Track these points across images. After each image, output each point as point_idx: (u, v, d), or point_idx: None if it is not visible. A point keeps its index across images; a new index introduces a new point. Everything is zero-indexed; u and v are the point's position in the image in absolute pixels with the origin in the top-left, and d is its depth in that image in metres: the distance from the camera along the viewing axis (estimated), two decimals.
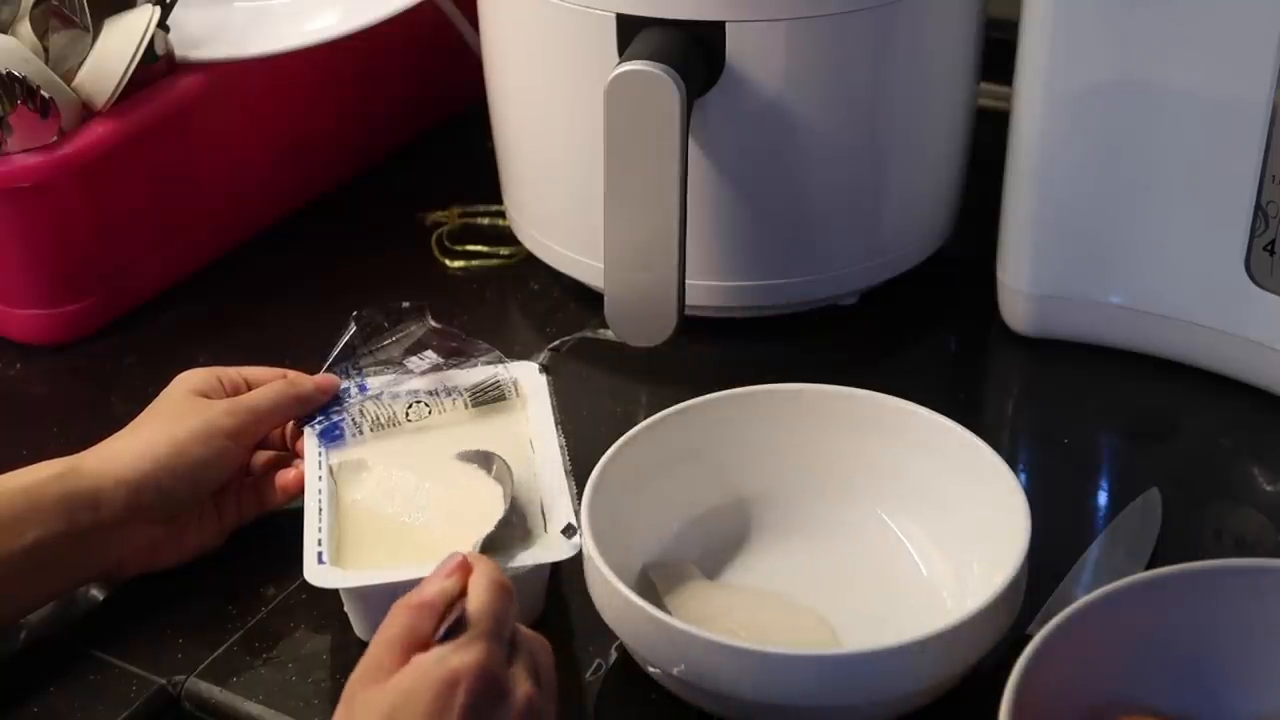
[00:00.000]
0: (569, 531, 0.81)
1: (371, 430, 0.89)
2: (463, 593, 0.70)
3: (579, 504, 0.82)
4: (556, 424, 0.88)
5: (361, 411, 0.90)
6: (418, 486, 0.86)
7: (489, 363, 0.93)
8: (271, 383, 0.89)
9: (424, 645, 0.68)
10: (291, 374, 0.91)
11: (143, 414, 0.87)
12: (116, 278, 1.09)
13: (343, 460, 0.87)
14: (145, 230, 1.10)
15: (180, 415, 0.86)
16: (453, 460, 0.87)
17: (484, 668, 0.67)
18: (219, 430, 0.85)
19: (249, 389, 0.89)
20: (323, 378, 0.91)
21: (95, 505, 0.82)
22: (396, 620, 0.69)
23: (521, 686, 0.69)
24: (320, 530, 0.82)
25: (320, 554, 0.80)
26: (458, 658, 0.67)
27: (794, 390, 0.88)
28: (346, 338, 0.93)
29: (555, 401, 0.90)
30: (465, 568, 0.71)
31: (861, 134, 0.99)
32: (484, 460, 0.86)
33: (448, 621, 0.68)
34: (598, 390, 1.02)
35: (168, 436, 0.84)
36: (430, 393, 0.91)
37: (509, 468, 0.84)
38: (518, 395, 0.92)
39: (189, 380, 0.88)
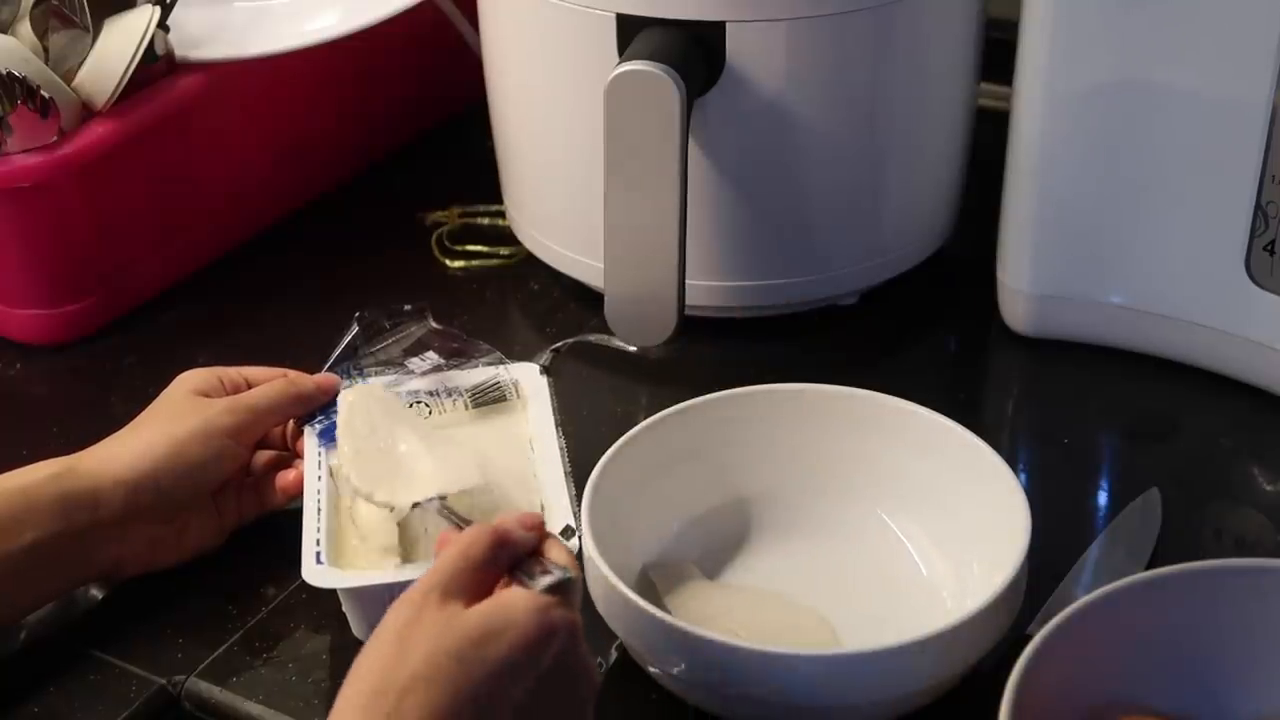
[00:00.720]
0: (568, 533, 0.80)
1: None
2: (539, 551, 0.71)
3: (579, 504, 0.82)
4: (557, 425, 0.88)
5: None
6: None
7: (489, 363, 0.93)
8: (272, 382, 0.89)
9: (495, 580, 0.69)
10: (292, 373, 0.91)
11: (142, 414, 0.87)
12: (116, 278, 1.09)
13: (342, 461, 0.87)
14: (145, 230, 1.10)
15: (180, 415, 0.85)
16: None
17: (580, 634, 0.68)
18: (218, 429, 0.85)
19: (249, 389, 0.89)
20: (323, 377, 0.91)
21: (93, 505, 0.82)
22: (479, 545, 0.69)
23: (592, 664, 0.70)
24: (319, 531, 0.82)
25: (319, 554, 0.80)
26: (560, 612, 0.67)
27: (794, 390, 0.88)
28: (348, 338, 0.93)
29: (556, 403, 0.90)
30: (543, 527, 0.72)
31: (861, 134, 1.00)
32: None
33: (546, 573, 0.69)
34: (598, 390, 1.02)
35: (167, 436, 0.84)
36: (431, 393, 0.91)
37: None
38: (518, 396, 0.92)
39: (189, 380, 0.88)
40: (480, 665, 0.65)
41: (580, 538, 0.80)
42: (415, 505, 0.80)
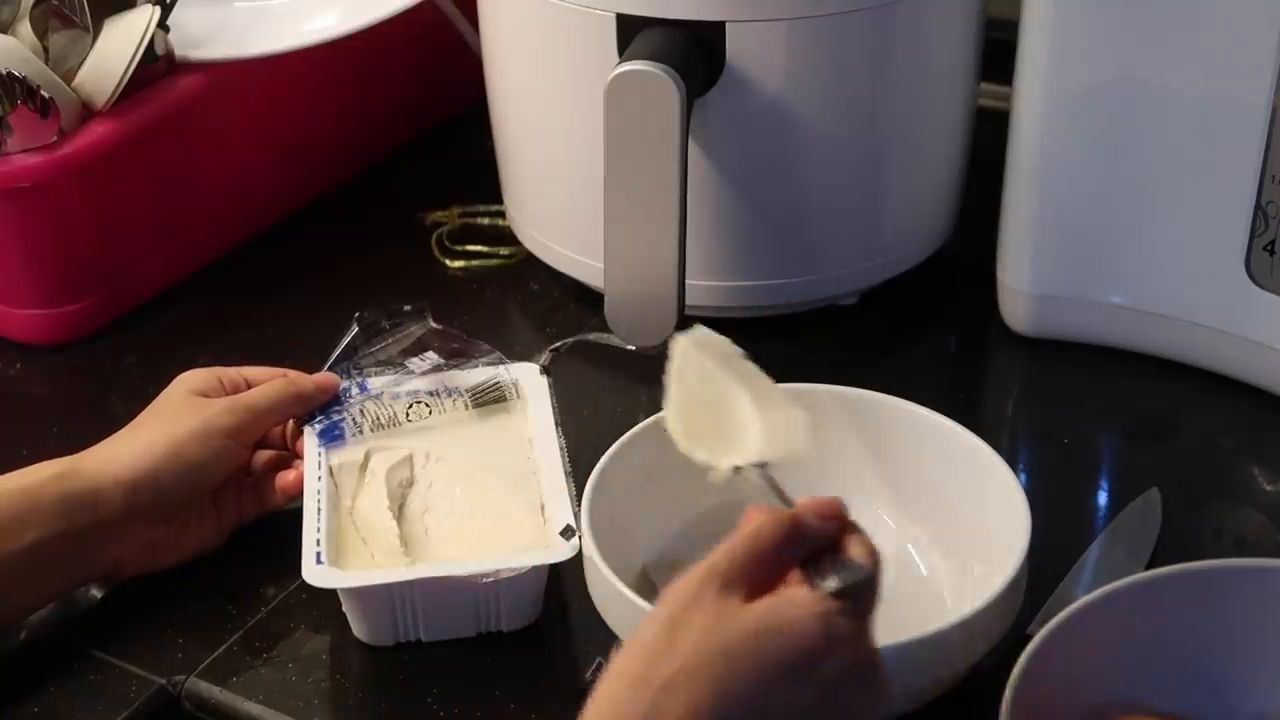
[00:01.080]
0: (568, 533, 0.80)
1: (372, 430, 0.89)
2: (837, 544, 0.65)
3: (579, 505, 0.82)
4: (556, 425, 0.88)
5: (362, 411, 0.90)
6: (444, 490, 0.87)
7: (489, 363, 0.93)
8: (271, 382, 0.89)
9: (785, 572, 0.63)
10: (291, 373, 0.91)
11: (142, 414, 0.87)
12: (116, 278, 1.09)
13: (342, 461, 0.87)
14: (145, 230, 1.10)
15: (179, 415, 0.85)
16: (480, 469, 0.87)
17: (868, 643, 0.62)
18: (218, 429, 0.85)
19: (249, 388, 0.89)
20: (323, 376, 0.91)
21: (94, 506, 0.82)
22: (770, 534, 0.63)
23: (885, 678, 0.64)
24: (319, 531, 0.82)
25: (319, 554, 0.80)
26: (845, 621, 0.62)
27: (794, 390, 0.88)
28: (348, 338, 0.93)
29: (555, 403, 0.90)
30: (844, 517, 0.66)
31: (861, 134, 0.99)
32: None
33: (839, 571, 0.63)
34: (598, 390, 1.01)
35: (166, 436, 0.84)
36: (431, 393, 0.91)
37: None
38: (518, 396, 0.92)
39: (189, 380, 0.88)
40: (751, 667, 0.59)
41: (580, 538, 0.80)
42: (736, 469, 0.73)
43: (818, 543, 0.64)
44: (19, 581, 0.81)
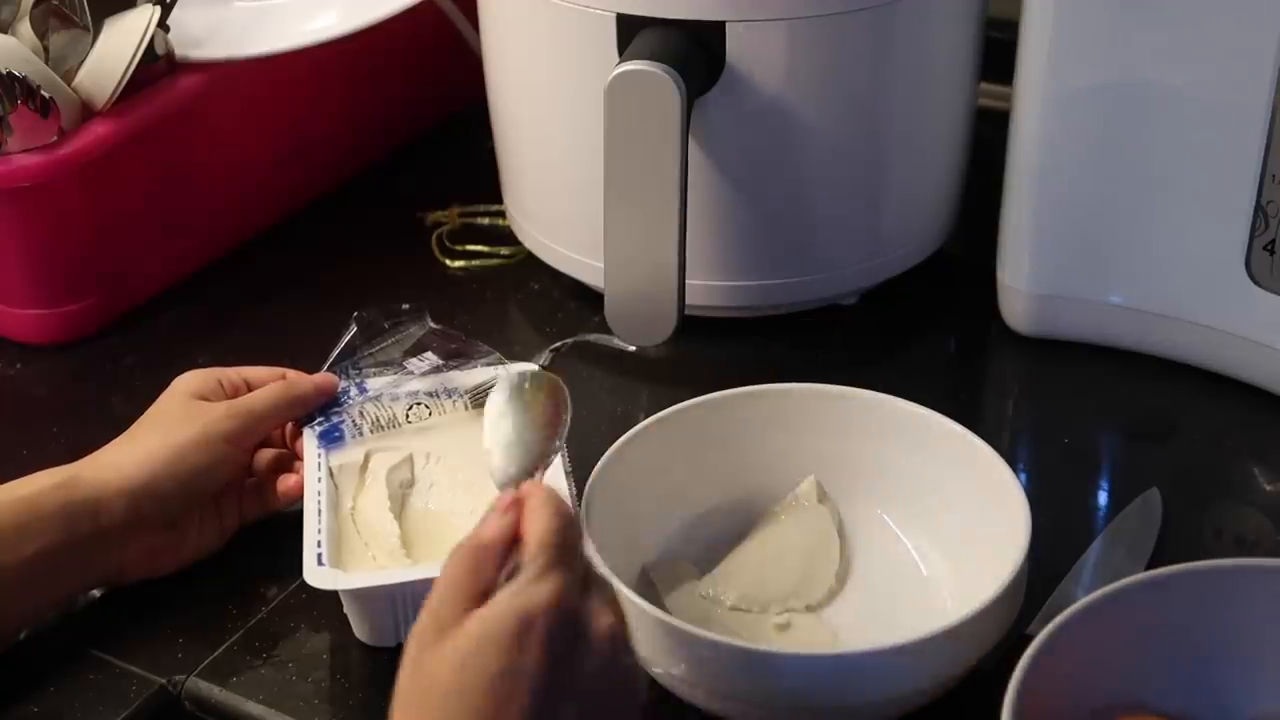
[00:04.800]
0: None
1: (372, 431, 0.89)
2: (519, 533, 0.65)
3: (579, 504, 0.81)
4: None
5: (361, 413, 0.90)
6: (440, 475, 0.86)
7: (489, 364, 0.93)
8: (270, 385, 0.89)
9: (487, 592, 0.63)
10: (291, 374, 0.90)
11: (141, 419, 0.87)
12: (116, 278, 1.09)
13: (343, 462, 0.87)
14: (145, 230, 1.10)
15: (179, 421, 0.85)
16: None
17: (558, 601, 0.62)
18: (218, 435, 0.85)
19: (249, 389, 0.89)
20: (321, 377, 0.91)
21: (95, 515, 0.82)
22: (453, 568, 0.64)
23: (603, 619, 0.64)
24: (320, 532, 0.82)
25: (320, 555, 0.80)
26: (527, 595, 0.62)
27: (794, 390, 0.88)
28: (347, 338, 0.93)
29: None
30: (521, 503, 0.66)
31: (861, 134, 0.99)
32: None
33: (511, 563, 0.63)
34: (598, 390, 1.02)
35: (166, 444, 0.84)
36: (430, 394, 0.91)
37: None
38: None
39: (188, 382, 0.88)
40: (473, 691, 0.60)
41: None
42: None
43: (504, 546, 0.64)
44: (20, 591, 0.81)
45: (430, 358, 0.93)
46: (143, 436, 0.85)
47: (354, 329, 0.94)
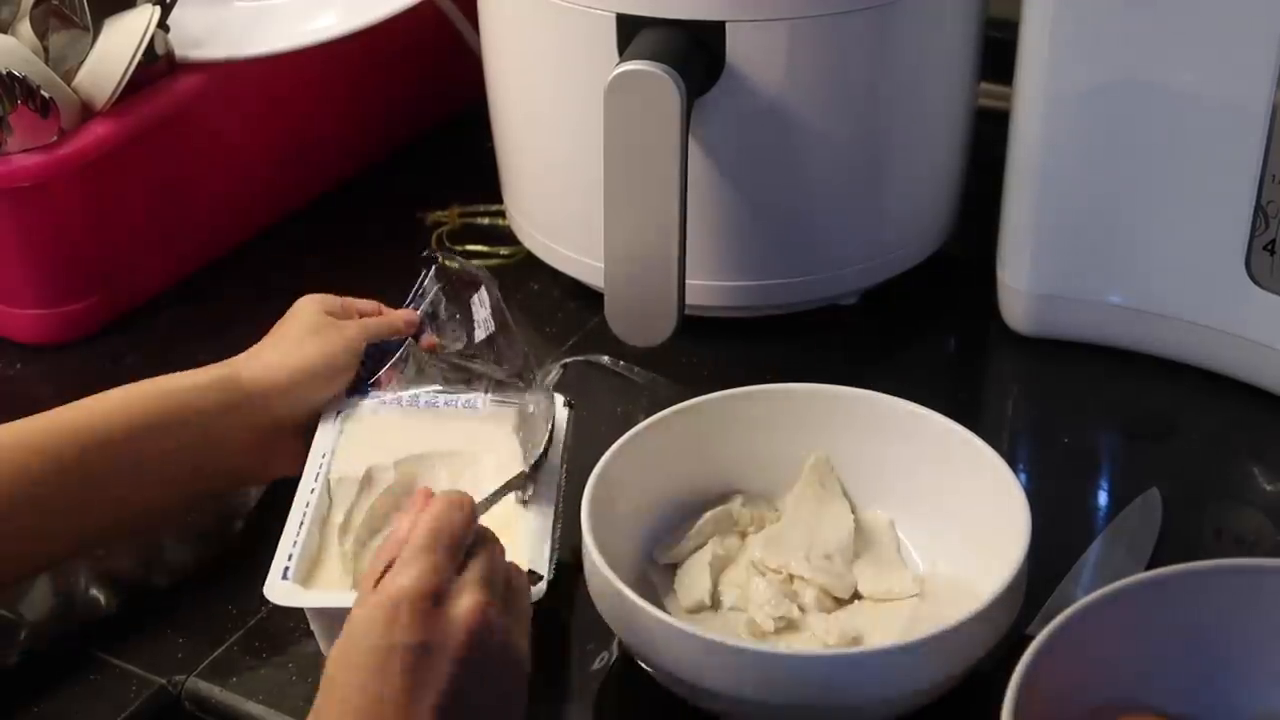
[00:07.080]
0: (534, 578, 0.77)
1: (417, 373, 0.91)
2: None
3: (579, 504, 0.81)
4: (562, 464, 0.87)
5: (420, 359, 0.92)
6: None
7: (514, 374, 0.92)
8: (380, 317, 0.93)
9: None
10: (384, 308, 0.95)
11: (277, 330, 0.90)
12: (116, 278, 1.09)
13: (342, 475, 0.86)
14: (145, 230, 1.10)
15: (324, 331, 0.89)
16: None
17: (420, 583, 0.66)
18: (355, 350, 0.90)
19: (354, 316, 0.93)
20: (406, 313, 0.95)
21: (250, 411, 0.85)
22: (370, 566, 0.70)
23: (468, 595, 0.67)
24: (294, 545, 0.81)
25: (287, 569, 0.79)
26: (392, 582, 0.66)
27: (794, 390, 0.88)
28: (425, 279, 0.96)
29: (570, 441, 0.89)
30: (427, 498, 0.72)
31: (862, 134, 1.00)
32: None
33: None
34: (598, 390, 1.02)
35: (321, 351, 0.88)
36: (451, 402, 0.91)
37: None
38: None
39: (317, 302, 0.92)
40: (358, 669, 0.65)
41: (581, 537, 0.80)
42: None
43: (398, 548, 0.69)
44: (159, 482, 0.84)
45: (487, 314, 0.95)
46: (293, 343, 0.88)
47: (431, 270, 0.96)
